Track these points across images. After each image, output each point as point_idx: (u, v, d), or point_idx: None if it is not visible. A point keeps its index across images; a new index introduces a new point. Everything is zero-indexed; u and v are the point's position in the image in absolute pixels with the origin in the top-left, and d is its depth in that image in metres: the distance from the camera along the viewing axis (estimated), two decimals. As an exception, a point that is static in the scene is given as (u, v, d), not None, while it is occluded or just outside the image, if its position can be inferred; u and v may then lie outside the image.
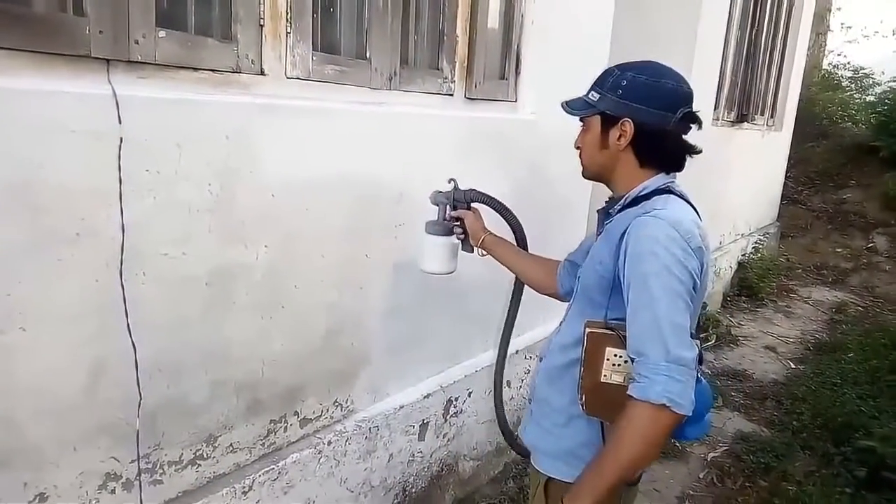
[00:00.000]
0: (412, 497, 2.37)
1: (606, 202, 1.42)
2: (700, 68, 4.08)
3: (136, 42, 1.35)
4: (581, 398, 1.27)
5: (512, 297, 1.93)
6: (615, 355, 1.22)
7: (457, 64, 2.24)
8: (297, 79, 1.70)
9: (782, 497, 2.77)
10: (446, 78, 2.21)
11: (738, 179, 5.43)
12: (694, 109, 1.28)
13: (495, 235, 1.74)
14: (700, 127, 1.30)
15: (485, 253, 1.74)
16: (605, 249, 1.28)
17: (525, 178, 2.61)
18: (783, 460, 3.07)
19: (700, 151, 1.33)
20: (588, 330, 1.25)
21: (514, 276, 1.84)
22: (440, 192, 1.77)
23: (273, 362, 1.77)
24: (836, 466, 3.03)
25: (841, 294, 6.18)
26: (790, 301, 5.84)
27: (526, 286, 1.83)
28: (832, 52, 11.22)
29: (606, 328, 1.24)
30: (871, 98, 9.46)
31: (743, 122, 5.32)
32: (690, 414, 1.13)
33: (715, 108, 4.69)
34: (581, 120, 1.38)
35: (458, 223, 1.75)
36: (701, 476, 2.97)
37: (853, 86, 10.38)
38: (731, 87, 4.98)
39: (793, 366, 4.37)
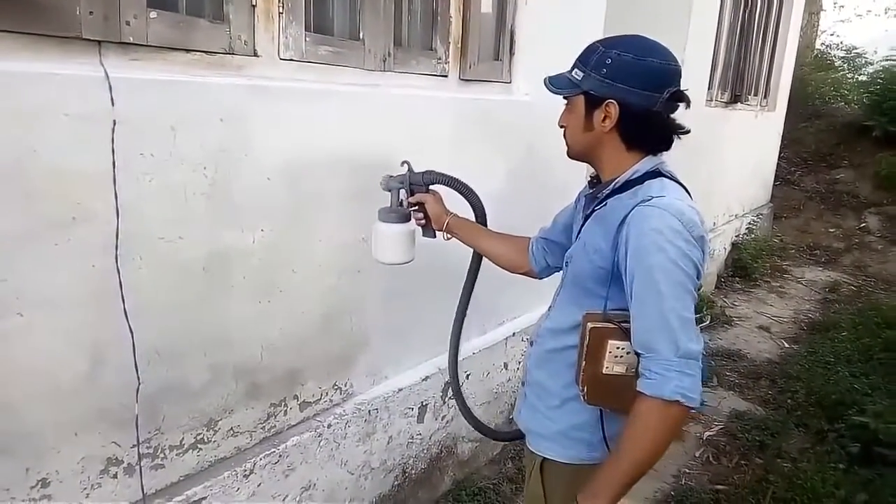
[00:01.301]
0: (412, 478, 2.39)
1: (591, 183, 1.39)
2: (694, 48, 4.07)
3: (128, 23, 1.33)
4: (582, 389, 1.26)
5: (465, 283, 1.83)
6: (617, 347, 1.21)
7: (451, 45, 2.23)
8: (291, 60, 1.69)
9: (777, 474, 2.80)
10: (440, 59, 2.20)
11: (731, 160, 5.44)
12: (682, 87, 1.23)
13: (459, 217, 1.68)
14: (688, 106, 1.25)
15: (449, 237, 1.68)
16: (600, 238, 1.25)
17: (520, 159, 2.61)
18: (778, 438, 3.10)
19: (688, 131, 1.29)
20: (590, 325, 1.23)
21: (472, 260, 1.78)
22: (392, 176, 1.67)
23: (272, 346, 1.77)
24: (829, 443, 3.07)
25: (834, 274, 6.22)
26: (783, 281, 5.87)
27: (498, 268, 1.74)
28: (825, 31, 11.21)
29: (607, 321, 1.23)
30: (864, 78, 9.47)
31: (736, 102, 5.32)
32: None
33: (709, 89, 4.68)
34: (565, 98, 1.33)
35: (417, 208, 1.67)
36: (697, 454, 3.00)
37: (846, 65, 10.40)
38: (724, 67, 4.97)
39: (786, 345, 4.41)
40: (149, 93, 1.37)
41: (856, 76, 9.92)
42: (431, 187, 1.68)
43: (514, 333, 2.80)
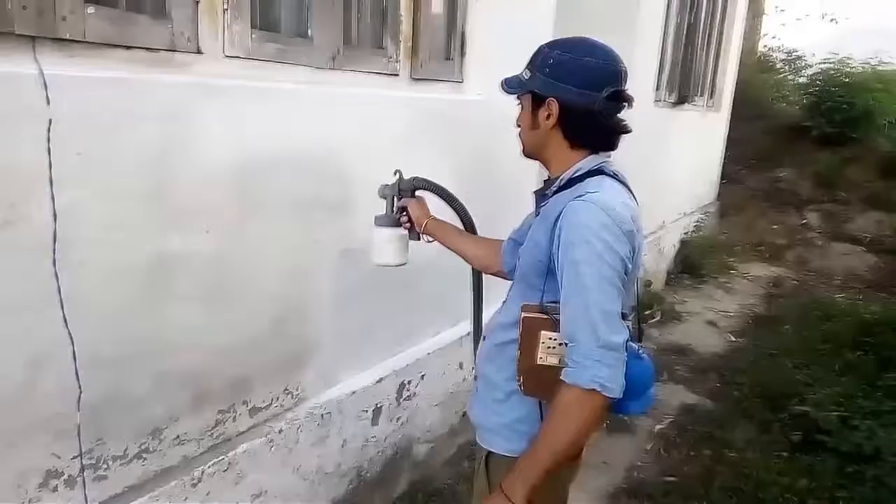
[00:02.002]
0: (367, 481, 2.37)
1: (543, 182, 1.43)
2: (641, 49, 4.16)
3: (64, 19, 1.28)
4: (519, 379, 1.29)
5: (473, 283, 1.92)
6: (550, 338, 1.24)
7: (401, 43, 2.22)
8: (236, 57, 1.65)
9: (725, 464, 2.88)
10: (391, 57, 2.18)
11: (680, 159, 5.58)
12: (623, 88, 1.27)
13: (438, 220, 1.73)
14: (630, 105, 1.29)
15: (431, 239, 1.74)
16: (540, 232, 1.29)
17: (473, 158, 2.61)
18: (725, 429, 3.20)
19: (630, 131, 1.33)
20: (523, 315, 1.27)
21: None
22: (386, 185, 1.76)
23: (219, 351, 1.73)
24: (773, 432, 3.17)
25: (777, 269, 6.45)
26: (730, 277, 6.05)
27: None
28: (766, 35, 11.60)
29: (541, 313, 1.26)
30: (803, 80, 9.83)
31: (683, 102, 5.45)
32: (620, 396, 1.16)
33: (656, 89, 4.79)
34: (517, 98, 1.38)
35: (404, 213, 1.74)
36: (648, 448, 3.07)
37: (786, 68, 10.77)
38: (671, 68, 5.09)
39: (733, 339, 4.54)
40: (87, 91, 1.32)
41: (796, 78, 10.30)
42: (418, 193, 1.76)
43: (468, 333, 2.79)
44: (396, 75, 2.23)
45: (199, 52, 1.57)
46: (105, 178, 1.37)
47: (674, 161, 5.42)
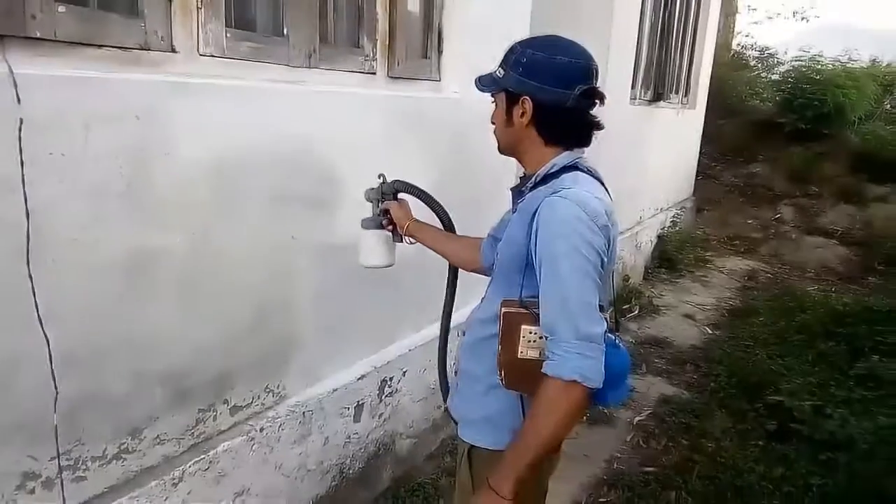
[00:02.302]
0: (349, 478, 2.37)
1: (520, 179, 1.45)
2: (617, 48, 4.20)
3: (33, 17, 1.27)
4: (500, 373, 1.30)
5: (448, 282, 1.90)
6: (530, 332, 1.26)
7: (378, 42, 2.22)
8: (211, 56, 1.65)
9: (702, 453, 2.93)
10: (367, 56, 2.19)
11: (656, 156, 5.64)
12: (595, 85, 1.29)
13: (419, 221, 1.75)
14: (602, 102, 1.32)
15: (413, 240, 1.76)
16: (518, 228, 1.31)
17: (451, 156, 2.63)
18: (702, 419, 3.25)
19: (602, 127, 1.36)
20: (504, 310, 1.28)
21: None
22: (371, 188, 1.78)
23: (198, 350, 1.73)
24: (749, 422, 3.24)
25: (752, 262, 6.55)
26: (706, 271, 6.14)
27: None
28: (740, 33, 11.77)
29: (521, 307, 1.28)
30: (776, 77, 10.00)
31: (659, 100, 5.52)
32: (600, 386, 1.18)
33: (632, 87, 4.84)
34: (492, 96, 1.40)
35: (387, 215, 1.77)
36: (627, 439, 3.11)
37: (759, 65, 10.94)
38: (647, 66, 5.15)
39: (710, 331, 4.61)
40: (58, 90, 1.31)
41: (768, 75, 10.47)
42: (399, 195, 1.78)
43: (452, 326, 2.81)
44: (374, 74, 2.24)
45: (172, 50, 1.57)
46: (79, 178, 1.36)
47: (650, 158, 5.49)
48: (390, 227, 1.77)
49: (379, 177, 1.78)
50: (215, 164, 1.67)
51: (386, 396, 2.50)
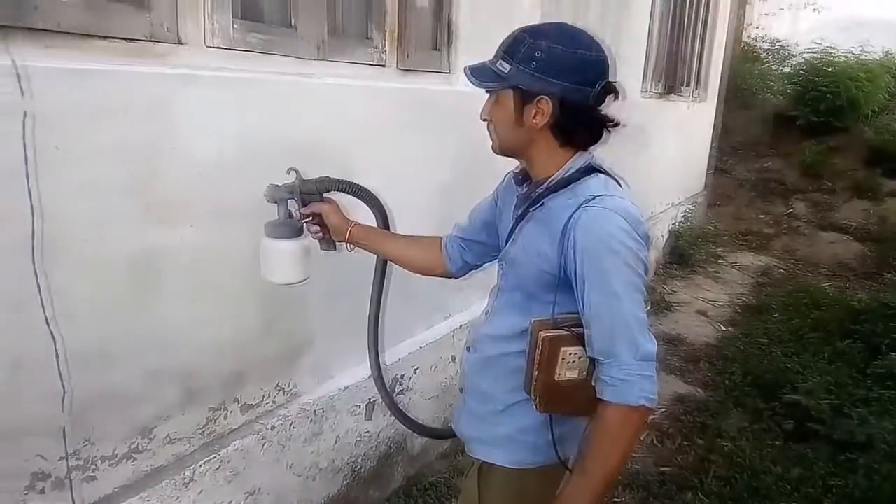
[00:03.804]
0: (362, 477, 2.34)
1: (518, 178, 1.34)
2: (629, 40, 4.14)
3: (36, 8, 1.24)
4: (535, 399, 1.23)
5: (373, 287, 1.76)
6: (570, 353, 1.19)
7: (388, 33, 2.18)
8: (219, 48, 1.61)
9: (718, 453, 2.88)
10: (377, 48, 2.15)
11: (668, 150, 5.58)
12: (611, 79, 1.20)
13: (363, 225, 1.57)
14: (617, 97, 1.22)
15: (353, 247, 1.58)
16: (544, 242, 1.21)
17: (461, 150, 2.58)
18: (717, 418, 3.20)
19: (618, 124, 1.25)
20: (542, 335, 1.19)
21: (378, 263, 1.73)
22: (277, 185, 1.50)
23: (209, 348, 1.70)
24: (765, 421, 3.18)
25: (765, 258, 6.47)
26: (719, 267, 6.06)
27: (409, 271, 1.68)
28: (751, 24, 11.63)
29: (557, 328, 1.20)
30: (788, 69, 9.87)
31: (670, 93, 5.45)
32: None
33: (643, 80, 4.77)
34: (488, 91, 1.27)
35: (313, 219, 1.54)
36: (642, 438, 3.06)
37: (771, 57, 10.80)
38: (658, 59, 5.07)
39: (723, 328, 4.55)
40: (64, 82, 1.28)
41: (780, 68, 10.33)
42: (326, 196, 1.54)
43: (461, 326, 2.78)
44: (383, 66, 2.20)
45: (179, 42, 1.53)
46: (85, 173, 1.33)
47: (661, 152, 5.42)
48: (319, 234, 1.56)
49: (289, 171, 1.49)
50: (224, 159, 1.63)
51: (397, 395, 2.46)
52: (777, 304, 4.86)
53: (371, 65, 2.14)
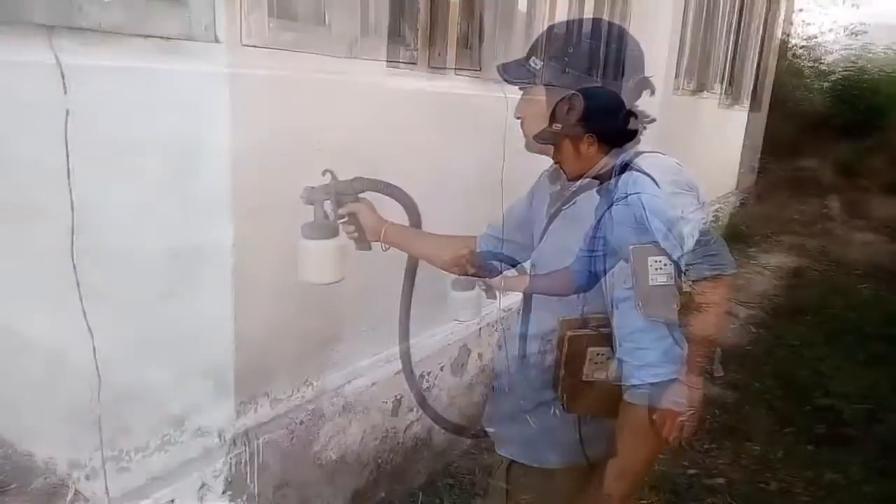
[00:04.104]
0: (387, 472, 2.36)
1: (552, 177, 1.34)
2: (662, 36, 4.09)
3: (80, 8, 1.26)
4: (561, 398, 1.24)
5: (404, 284, 1.76)
6: (597, 353, 1.19)
7: (419, 31, 2.18)
8: (254, 46, 1.63)
9: (747, 456, 2.84)
10: (409, 45, 2.15)
11: (698, 148, 5.49)
12: (646, 74, 1.20)
13: (396, 224, 1.58)
14: (652, 93, 1.21)
15: (387, 247, 1.59)
16: (574, 239, 1.21)
17: (492, 149, 2.56)
18: (747, 421, 3.15)
19: (654, 120, 1.24)
20: (570, 334, 1.20)
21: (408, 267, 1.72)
22: (313, 187, 1.51)
23: (240, 342, 1.72)
24: (797, 425, 3.12)
25: (798, 259, 6.34)
26: (750, 267, 5.96)
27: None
28: (786, 20, 11.38)
29: (585, 327, 1.20)
30: (824, 67, 9.66)
31: (702, 91, 5.36)
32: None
33: (675, 77, 4.71)
34: (521, 88, 1.27)
35: (348, 219, 1.56)
36: (670, 440, 3.02)
37: (807, 54, 10.57)
38: (690, 56, 5.00)
39: (754, 330, 4.47)
40: (104, 80, 1.30)
41: (817, 65, 10.11)
42: (361, 196, 1.56)
43: (489, 324, 2.77)
44: (415, 64, 2.20)
45: (216, 40, 1.55)
46: (123, 170, 1.36)
47: (693, 150, 5.34)
48: (355, 235, 1.57)
49: (324, 173, 1.50)
50: (258, 156, 1.65)
51: (424, 391, 2.47)
52: (809, 306, 4.77)
53: (403, 63, 2.15)
